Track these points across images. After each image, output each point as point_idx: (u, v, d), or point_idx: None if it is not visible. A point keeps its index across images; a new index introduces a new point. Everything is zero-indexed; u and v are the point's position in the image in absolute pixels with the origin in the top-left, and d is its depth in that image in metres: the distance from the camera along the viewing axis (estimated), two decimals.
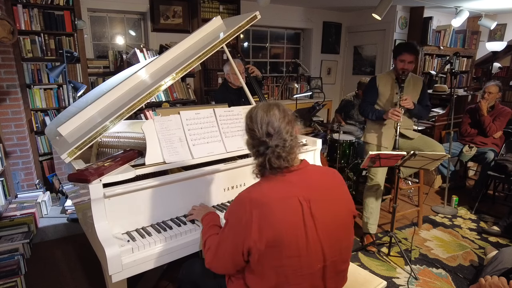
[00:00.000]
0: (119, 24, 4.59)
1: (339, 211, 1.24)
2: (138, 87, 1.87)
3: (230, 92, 3.23)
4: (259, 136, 1.19)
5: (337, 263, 1.25)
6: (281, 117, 1.19)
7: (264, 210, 1.12)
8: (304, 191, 1.17)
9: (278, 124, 1.18)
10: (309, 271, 1.18)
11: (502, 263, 2.03)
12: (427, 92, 3.01)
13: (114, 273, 1.39)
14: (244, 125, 1.26)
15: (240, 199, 1.19)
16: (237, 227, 1.16)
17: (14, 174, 3.47)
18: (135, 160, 1.76)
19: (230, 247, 1.19)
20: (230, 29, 2.04)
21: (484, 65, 6.31)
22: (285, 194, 1.16)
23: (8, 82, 3.34)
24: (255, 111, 1.22)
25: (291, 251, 1.13)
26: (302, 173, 1.22)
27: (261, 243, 1.11)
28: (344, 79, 6.71)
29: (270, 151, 1.17)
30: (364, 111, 2.92)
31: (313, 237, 1.16)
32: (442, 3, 5.02)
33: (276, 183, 1.19)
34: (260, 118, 1.19)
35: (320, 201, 1.19)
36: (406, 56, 2.69)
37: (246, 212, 1.13)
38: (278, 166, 1.18)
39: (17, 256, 2.36)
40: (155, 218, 1.66)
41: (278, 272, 1.15)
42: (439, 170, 3.90)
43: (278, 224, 1.11)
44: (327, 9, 6.01)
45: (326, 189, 1.24)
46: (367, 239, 2.82)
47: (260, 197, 1.15)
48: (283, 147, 1.17)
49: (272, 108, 1.20)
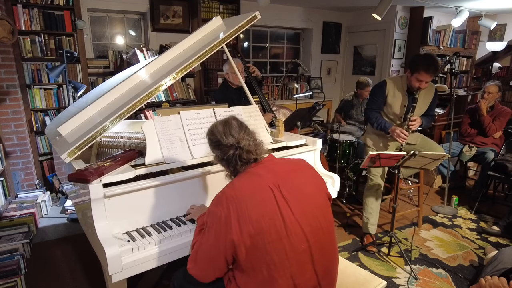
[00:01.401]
0: (119, 24, 4.59)
1: (309, 192, 1.32)
2: (138, 87, 1.87)
3: (230, 92, 3.23)
4: (226, 143, 1.32)
5: (321, 243, 1.28)
6: (239, 125, 1.36)
7: (240, 203, 1.19)
8: (271, 178, 1.27)
9: (239, 130, 1.35)
10: (294, 253, 1.22)
11: (502, 263, 2.03)
12: (436, 101, 2.82)
13: (114, 273, 1.39)
14: (208, 143, 1.41)
15: (216, 199, 1.26)
16: (217, 225, 1.21)
17: (14, 174, 3.47)
18: (135, 160, 1.76)
19: (211, 249, 1.23)
20: (230, 29, 2.03)
21: (484, 65, 6.31)
22: (255, 184, 1.26)
23: (8, 82, 3.34)
24: (214, 127, 1.38)
25: (272, 235, 1.19)
26: (269, 165, 1.34)
27: (245, 236, 1.17)
28: (344, 79, 6.71)
29: (240, 150, 1.31)
30: (369, 118, 2.77)
31: (290, 218, 1.22)
32: (442, 3, 5.02)
33: (246, 178, 1.30)
34: (222, 130, 1.34)
35: (289, 184, 1.28)
36: (424, 76, 2.44)
37: (224, 209, 1.20)
38: (248, 159, 1.31)
39: (17, 256, 2.36)
40: (155, 218, 1.66)
41: (266, 261, 1.19)
42: (439, 170, 3.90)
43: (254, 213, 1.18)
44: (327, 9, 6.01)
45: (292, 173, 1.33)
46: (367, 239, 2.82)
47: (233, 192, 1.23)
48: (249, 145, 1.32)
49: (229, 121, 1.37)
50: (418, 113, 2.70)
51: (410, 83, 2.58)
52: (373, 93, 2.81)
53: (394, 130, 2.58)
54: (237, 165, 1.32)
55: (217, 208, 1.22)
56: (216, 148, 1.37)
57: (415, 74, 2.49)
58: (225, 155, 1.33)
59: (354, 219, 3.30)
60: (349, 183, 3.54)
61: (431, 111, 2.80)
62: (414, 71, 2.49)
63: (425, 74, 2.43)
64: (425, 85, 2.52)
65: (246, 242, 1.17)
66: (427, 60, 2.45)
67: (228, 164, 1.35)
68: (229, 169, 1.37)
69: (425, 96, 2.69)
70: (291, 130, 3.41)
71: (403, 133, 2.53)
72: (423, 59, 2.47)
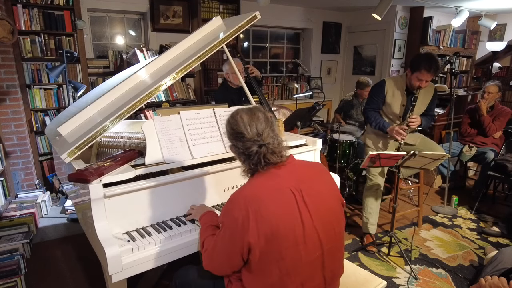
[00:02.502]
0: (119, 24, 4.59)
1: (328, 198, 1.28)
2: (138, 87, 1.87)
3: (230, 92, 3.23)
4: (250, 137, 1.22)
5: (333, 250, 1.27)
6: (265, 119, 1.26)
7: (259, 204, 1.14)
8: (293, 182, 1.22)
9: (264, 125, 1.25)
10: (308, 260, 1.20)
11: (502, 263, 2.03)
12: (436, 101, 2.83)
13: (114, 273, 1.39)
14: (227, 131, 1.30)
15: (234, 199, 1.21)
16: (234, 226, 1.16)
17: (14, 174, 3.47)
18: (135, 160, 1.76)
19: (227, 248, 1.20)
20: (230, 29, 2.03)
21: (484, 65, 6.31)
22: (277, 186, 1.20)
23: (8, 82, 3.34)
24: (238, 115, 1.27)
25: (289, 241, 1.16)
26: (290, 167, 1.27)
27: (261, 238, 1.13)
28: (344, 79, 6.71)
29: (264, 148, 1.22)
30: (368, 118, 2.78)
31: (309, 224, 1.19)
32: (442, 3, 5.02)
33: (266, 178, 1.23)
34: (247, 120, 1.24)
35: (310, 190, 1.23)
36: (425, 75, 2.45)
37: (242, 210, 1.15)
38: (274, 161, 1.23)
39: (17, 256, 2.36)
40: (155, 218, 1.66)
41: (279, 265, 1.16)
42: (439, 170, 3.90)
43: (274, 216, 1.14)
44: (327, 9, 6.01)
45: (313, 178, 1.28)
46: (367, 239, 2.82)
47: (253, 193, 1.18)
48: (273, 143, 1.24)
49: (255, 112, 1.27)
50: (418, 112, 2.69)
51: (410, 82, 2.58)
52: (372, 93, 2.82)
53: (393, 128, 2.57)
54: (259, 164, 1.23)
55: (234, 209, 1.17)
56: (237, 139, 1.26)
57: (416, 73, 2.49)
58: (246, 150, 1.23)
59: (354, 219, 3.30)
60: (349, 183, 3.54)
61: (430, 111, 2.79)
62: (415, 70, 2.49)
63: (426, 73, 2.44)
64: (425, 84, 2.52)
65: (261, 244, 1.13)
66: (428, 59, 2.45)
67: (248, 160, 1.25)
68: (247, 165, 1.27)
69: (424, 96, 2.69)
70: (291, 130, 3.41)
71: (402, 129, 2.53)
72: (424, 58, 2.47)
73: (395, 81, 2.71)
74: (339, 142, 3.59)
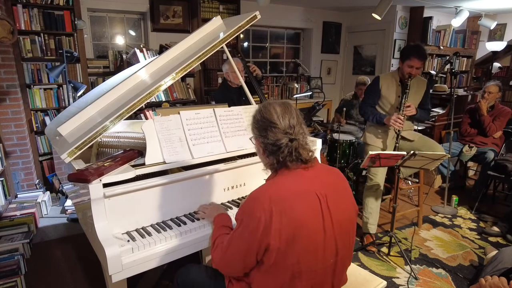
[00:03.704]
0: (119, 24, 4.59)
1: (348, 206, 1.26)
2: (138, 87, 1.87)
3: (230, 91, 3.23)
4: (282, 128, 1.17)
5: (344, 258, 1.26)
6: (297, 115, 1.23)
7: (285, 206, 1.11)
8: (319, 186, 1.18)
9: (296, 120, 1.21)
10: (322, 266, 1.19)
11: (502, 263, 2.03)
12: (430, 95, 2.96)
13: (114, 273, 1.39)
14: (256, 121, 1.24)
15: (257, 197, 1.15)
16: (255, 226, 1.11)
17: (14, 174, 3.47)
18: (135, 160, 1.76)
19: (243, 246, 1.16)
20: (230, 29, 2.03)
21: (484, 65, 6.31)
22: (303, 188, 1.16)
23: (8, 82, 3.34)
24: (271, 106, 1.22)
25: (309, 246, 1.14)
26: (315, 170, 1.23)
27: (282, 241, 1.10)
28: (344, 79, 6.70)
29: (296, 143, 1.17)
30: (364, 113, 2.86)
31: (330, 231, 1.17)
32: (442, 3, 5.02)
33: (293, 178, 1.19)
34: (281, 111, 1.20)
35: (334, 196, 1.20)
36: (415, 62, 2.59)
37: (265, 210, 1.10)
38: (304, 157, 1.18)
39: (17, 256, 2.36)
40: (155, 218, 1.66)
41: (293, 269, 1.14)
42: (439, 170, 3.90)
43: (298, 220, 1.11)
44: (327, 9, 6.01)
45: (336, 185, 1.25)
46: (367, 239, 2.82)
47: (279, 193, 1.13)
48: (304, 140, 1.20)
49: (288, 106, 1.23)
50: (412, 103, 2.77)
51: (402, 73, 2.71)
52: (367, 90, 2.94)
53: (389, 118, 2.66)
54: (287, 159, 1.17)
55: (257, 208, 1.11)
56: (267, 129, 1.19)
57: (406, 61, 2.63)
58: (277, 141, 1.17)
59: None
60: (349, 183, 3.53)
61: (425, 105, 2.87)
62: (405, 58, 2.64)
63: (415, 59, 2.58)
64: (416, 71, 2.63)
65: (281, 247, 1.10)
66: (416, 47, 2.64)
67: (275, 154, 1.19)
68: (272, 159, 1.21)
69: (417, 89, 2.81)
70: None
71: (399, 117, 2.60)
72: (412, 46, 2.67)
73: (388, 75, 2.86)
74: (339, 142, 3.59)
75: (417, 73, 2.66)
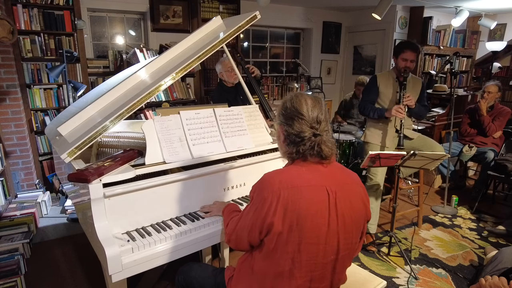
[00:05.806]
0: (119, 24, 4.59)
1: (356, 210, 1.25)
2: (138, 87, 1.87)
3: (225, 91, 3.24)
4: (309, 120, 1.18)
5: (344, 258, 1.27)
6: (325, 112, 1.23)
7: (293, 192, 1.13)
8: (331, 182, 1.19)
9: (324, 116, 1.21)
10: (323, 261, 1.20)
11: (502, 263, 2.03)
12: (426, 93, 3.04)
13: (114, 273, 1.39)
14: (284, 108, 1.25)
15: (268, 179, 1.18)
16: (260, 205, 1.16)
17: (14, 174, 3.47)
18: (135, 160, 1.76)
19: (249, 222, 1.20)
20: (230, 29, 2.03)
21: (484, 65, 6.31)
22: (314, 181, 1.18)
23: (8, 82, 3.34)
24: (303, 97, 1.22)
25: (312, 238, 1.15)
26: (331, 167, 1.24)
27: (285, 225, 1.13)
28: (344, 79, 6.71)
29: (319, 138, 1.18)
30: (364, 110, 2.90)
31: (333, 228, 1.18)
32: (442, 3, 5.02)
33: (307, 170, 1.20)
34: (311, 104, 1.20)
35: (343, 195, 1.20)
36: (408, 55, 2.69)
37: (274, 192, 1.13)
38: (325, 154, 1.19)
39: (17, 256, 2.36)
40: (155, 218, 1.66)
41: (294, 257, 1.16)
42: (439, 170, 3.90)
43: (304, 208, 1.13)
44: (327, 9, 6.01)
45: (348, 185, 1.25)
46: (367, 239, 2.82)
47: (290, 179, 1.16)
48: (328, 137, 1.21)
49: (319, 100, 1.23)
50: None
51: (398, 68, 2.78)
52: (366, 88, 3.03)
53: (391, 109, 2.71)
54: (307, 152, 1.18)
55: (266, 188, 1.15)
56: (293, 119, 1.20)
57: (400, 55, 2.74)
58: (300, 133, 1.18)
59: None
60: None
61: (422, 101, 2.93)
62: (399, 53, 2.75)
63: (408, 51, 2.70)
64: (410, 64, 2.72)
65: (283, 231, 1.13)
66: (407, 42, 2.80)
67: (296, 144, 1.20)
68: (292, 149, 1.22)
69: (413, 87, 2.89)
70: None
71: (400, 107, 2.66)
72: (404, 42, 2.84)
73: (385, 73, 2.94)
74: (339, 142, 3.59)
75: (412, 66, 2.74)
